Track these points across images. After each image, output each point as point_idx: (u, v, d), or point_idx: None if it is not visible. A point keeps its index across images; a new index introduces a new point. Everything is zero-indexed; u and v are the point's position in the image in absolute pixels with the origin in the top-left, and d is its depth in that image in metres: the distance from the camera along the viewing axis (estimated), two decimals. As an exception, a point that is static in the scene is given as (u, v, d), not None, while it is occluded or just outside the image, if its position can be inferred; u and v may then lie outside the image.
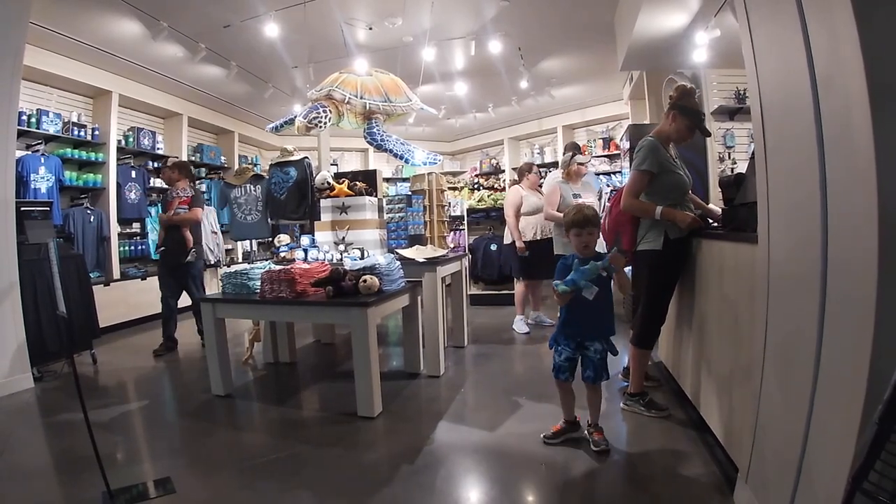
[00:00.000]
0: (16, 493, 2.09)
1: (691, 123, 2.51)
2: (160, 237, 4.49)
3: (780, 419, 1.51)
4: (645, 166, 2.48)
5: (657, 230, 2.52)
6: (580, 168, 4.20)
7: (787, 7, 1.35)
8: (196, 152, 7.33)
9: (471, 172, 10.08)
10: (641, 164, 2.50)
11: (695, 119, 2.52)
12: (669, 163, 2.53)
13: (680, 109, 2.52)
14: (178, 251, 4.36)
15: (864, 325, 1.09)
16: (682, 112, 2.51)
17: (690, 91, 2.60)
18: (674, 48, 4.32)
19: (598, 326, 2.25)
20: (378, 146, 3.88)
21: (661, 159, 2.50)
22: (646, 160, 2.48)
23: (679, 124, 2.52)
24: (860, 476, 1.00)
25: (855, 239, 1.15)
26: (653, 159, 2.48)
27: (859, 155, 1.10)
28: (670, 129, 2.55)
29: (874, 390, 1.05)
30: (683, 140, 2.58)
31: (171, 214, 4.40)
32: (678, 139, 2.57)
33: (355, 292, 2.84)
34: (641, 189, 2.53)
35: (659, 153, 2.50)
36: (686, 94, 2.56)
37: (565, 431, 2.35)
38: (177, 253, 4.36)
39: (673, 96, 2.58)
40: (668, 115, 2.57)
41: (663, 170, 2.50)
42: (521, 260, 4.57)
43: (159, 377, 3.83)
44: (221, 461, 2.40)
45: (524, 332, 4.55)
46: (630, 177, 2.59)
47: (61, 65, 5.08)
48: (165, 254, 4.42)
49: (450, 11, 4.72)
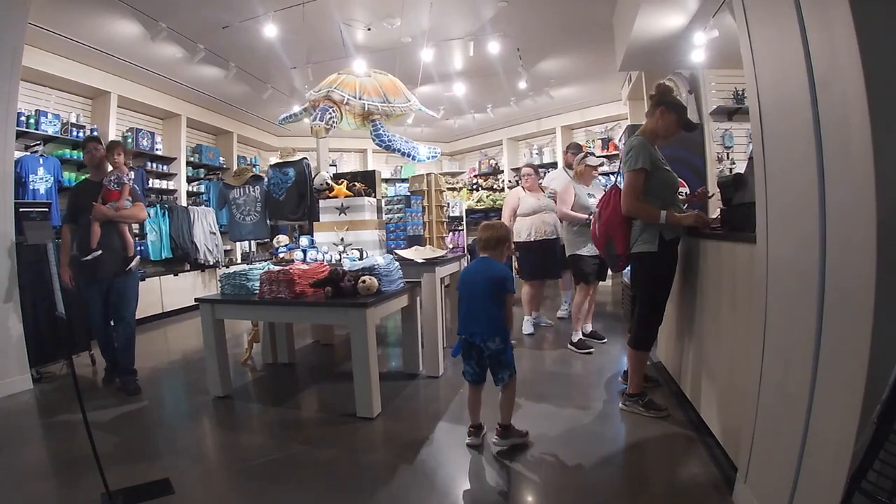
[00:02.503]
0: (15, 494, 2.08)
1: (679, 118, 2.56)
2: (94, 236, 3.34)
3: (779, 419, 1.51)
4: (640, 164, 2.47)
5: (651, 231, 2.49)
6: (588, 169, 4.10)
7: (785, 7, 1.35)
8: (195, 153, 7.33)
9: (469, 173, 10.08)
10: (636, 163, 2.48)
11: (682, 114, 2.57)
12: (660, 160, 2.55)
13: (667, 105, 2.56)
14: (116, 257, 3.42)
15: (862, 325, 1.09)
16: (670, 108, 2.55)
17: (670, 89, 2.67)
18: (672, 49, 4.32)
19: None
20: (387, 146, 3.94)
21: (653, 157, 2.51)
22: (639, 158, 2.47)
23: (667, 120, 2.55)
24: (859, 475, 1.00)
25: (853, 239, 1.15)
26: (645, 157, 2.48)
27: (857, 155, 1.11)
28: (658, 125, 2.57)
29: (872, 390, 1.05)
30: (672, 136, 2.61)
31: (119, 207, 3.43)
32: (667, 135, 2.59)
33: (354, 293, 2.84)
34: (640, 189, 2.51)
35: (650, 150, 2.51)
36: (668, 91, 2.62)
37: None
38: (114, 259, 3.41)
39: (655, 95, 2.62)
40: (656, 111, 2.59)
41: (655, 167, 2.51)
42: (520, 260, 4.57)
43: (158, 378, 3.82)
44: (220, 462, 2.40)
45: (528, 332, 4.53)
46: (626, 178, 2.57)
47: (60, 65, 5.08)
48: (98, 260, 3.33)
49: (448, 12, 4.72)
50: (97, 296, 3.44)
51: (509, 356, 2.28)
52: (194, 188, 7.30)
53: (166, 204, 6.58)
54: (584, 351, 3.81)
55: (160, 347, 5.00)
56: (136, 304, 3.58)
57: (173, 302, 6.35)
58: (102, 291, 3.44)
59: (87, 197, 3.40)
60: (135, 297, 3.58)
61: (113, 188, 3.43)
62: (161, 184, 6.64)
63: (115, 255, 3.41)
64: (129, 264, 3.46)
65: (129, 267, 3.47)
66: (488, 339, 2.23)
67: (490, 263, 2.32)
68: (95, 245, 3.33)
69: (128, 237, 3.49)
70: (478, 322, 2.24)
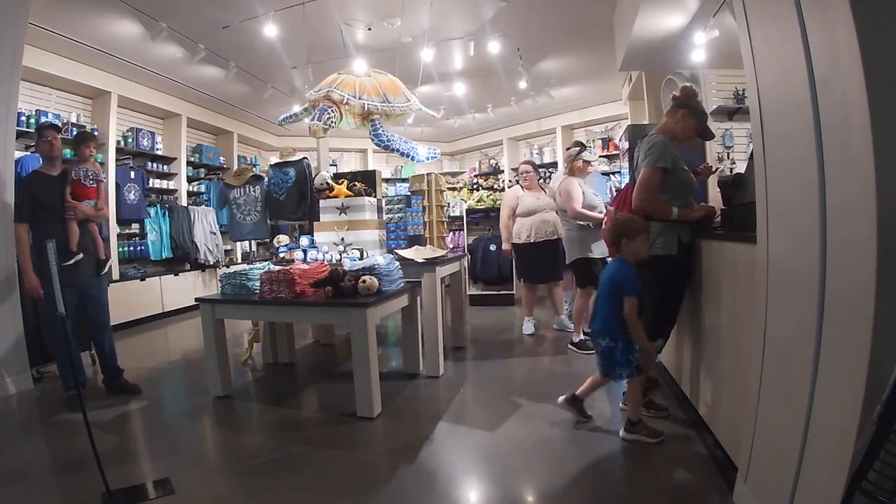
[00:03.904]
0: (15, 494, 2.08)
1: (699, 124, 2.52)
2: (73, 236, 3.04)
3: (780, 419, 1.51)
4: (661, 163, 2.40)
5: (670, 234, 2.42)
6: (586, 165, 4.02)
7: (785, 7, 1.35)
8: (195, 153, 7.33)
9: (470, 173, 10.07)
10: (658, 160, 2.40)
11: (703, 121, 2.52)
12: (679, 160, 2.48)
13: (690, 109, 2.51)
14: (91, 261, 3.18)
15: (862, 325, 1.09)
16: (692, 112, 2.50)
17: (696, 93, 2.60)
18: (673, 48, 4.32)
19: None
20: (385, 147, 3.91)
21: (674, 157, 2.45)
22: (662, 157, 2.40)
23: (687, 123, 2.51)
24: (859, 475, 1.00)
25: (854, 239, 1.15)
26: (668, 156, 2.41)
27: (858, 154, 1.11)
28: (677, 127, 2.52)
29: (873, 390, 1.05)
30: (689, 140, 2.56)
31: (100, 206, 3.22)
32: (684, 138, 2.54)
33: (354, 293, 2.84)
34: (656, 186, 2.42)
35: (671, 150, 2.45)
36: (693, 96, 2.56)
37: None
38: (90, 263, 3.16)
39: (678, 96, 2.56)
40: (676, 112, 2.53)
41: (675, 167, 2.45)
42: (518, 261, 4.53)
43: (158, 378, 3.83)
44: (221, 462, 2.40)
45: (528, 333, 4.50)
46: (643, 174, 2.45)
47: (60, 65, 5.07)
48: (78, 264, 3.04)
49: (448, 12, 4.72)
50: (72, 305, 3.01)
51: (619, 356, 2.33)
52: (195, 188, 7.30)
53: (167, 204, 6.59)
54: (585, 352, 3.81)
55: (160, 347, 5.00)
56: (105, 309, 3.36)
57: (173, 302, 6.35)
58: (76, 299, 3.09)
59: (46, 193, 3.04)
60: (102, 296, 3.34)
61: (90, 185, 3.18)
62: (161, 184, 6.64)
63: (90, 259, 3.17)
64: (102, 268, 3.26)
65: (103, 270, 3.27)
66: (599, 336, 2.40)
67: (617, 264, 2.39)
68: (76, 247, 3.04)
69: (99, 239, 3.28)
70: (596, 320, 2.43)
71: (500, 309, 5.90)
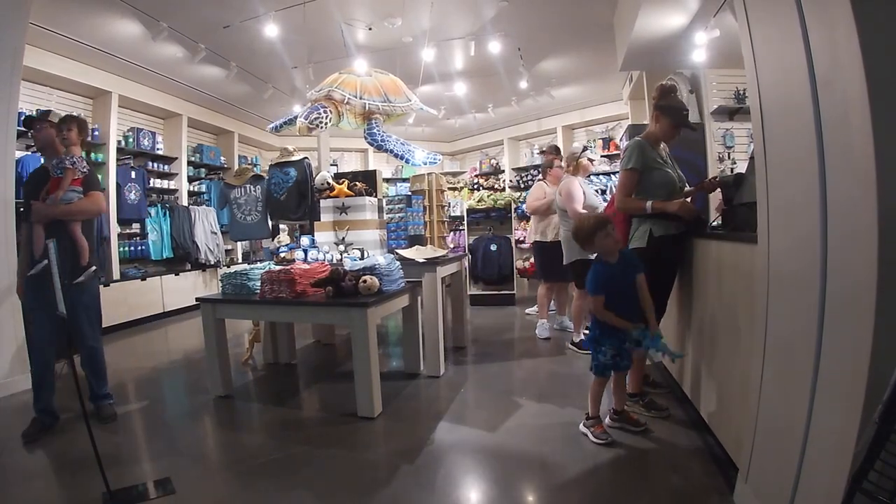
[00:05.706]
0: (15, 494, 2.08)
1: (674, 121, 2.57)
2: (37, 241, 2.59)
3: (780, 419, 1.51)
4: (630, 164, 2.55)
5: (643, 228, 2.57)
6: (588, 165, 3.98)
7: (786, 7, 1.35)
8: (196, 152, 7.34)
9: (470, 173, 10.07)
10: (627, 163, 2.57)
11: (676, 116, 2.57)
12: (656, 161, 2.58)
13: (661, 109, 2.59)
14: (66, 266, 2.54)
15: (863, 325, 1.09)
16: (663, 112, 2.58)
17: (670, 88, 2.66)
18: (673, 48, 4.32)
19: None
20: (378, 146, 3.87)
21: (647, 158, 2.55)
22: (631, 158, 2.56)
23: (662, 124, 2.59)
24: (860, 476, 1.00)
25: (854, 239, 1.15)
26: (637, 157, 2.54)
27: (859, 154, 1.10)
28: (656, 129, 2.62)
29: (874, 390, 1.05)
30: (671, 138, 2.64)
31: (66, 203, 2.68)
32: (665, 138, 2.63)
33: (355, 293, 2.84)
34: (632, 187, 2.59)
35: (645, 151, 2.55)
36: (665, 93, 2.62)
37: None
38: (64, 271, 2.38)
39: (655, 97, 2.64)
40: (653, 116, 2.64)
41: (648, 167, 2.55)
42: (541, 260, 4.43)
43: (159, 378, 3.83)
44: (221, 461, 2.40)
45: (544, 337, 4.35)
46: (619, 177, 2.67)
47: (61, 65, 5.08)
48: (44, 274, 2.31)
49: (449, 12, 4.72)
50: (42, 311, 2.62)
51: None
52: (195, 188, 7.30)
53: (167, 204, 6.59)
54: (585, 352, 3.80)
55: (161, 347, 5.01)
56: (99, 320, 3.00)
57: (174, 301, 6.36)
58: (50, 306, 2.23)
59: (34, 190, 2.70)
60: (95, 313, 2.91)
61: (59, 174, 2.65)
62: (162, 183, 6.64)
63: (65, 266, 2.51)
64: (78, 275, 2.64)
65: (78, 279, 2.63)
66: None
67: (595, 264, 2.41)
68: (40, 254, 2.53)
69: (81, 240, 2.70)
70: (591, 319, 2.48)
71: (501, 309, 5.90)
